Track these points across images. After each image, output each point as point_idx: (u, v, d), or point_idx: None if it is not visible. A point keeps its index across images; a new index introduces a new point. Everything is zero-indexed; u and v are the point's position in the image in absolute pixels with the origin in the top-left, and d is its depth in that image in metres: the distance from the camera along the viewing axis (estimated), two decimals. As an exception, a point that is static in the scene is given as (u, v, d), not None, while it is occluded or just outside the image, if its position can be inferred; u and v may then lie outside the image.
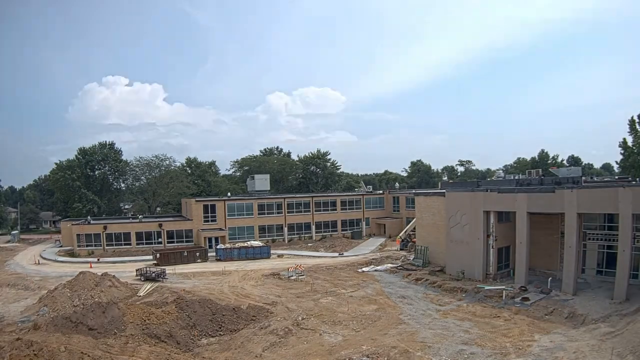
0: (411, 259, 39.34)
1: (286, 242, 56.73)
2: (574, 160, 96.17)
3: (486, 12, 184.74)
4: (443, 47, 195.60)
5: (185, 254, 44.42)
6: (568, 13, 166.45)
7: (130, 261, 44.86)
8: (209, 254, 45.84)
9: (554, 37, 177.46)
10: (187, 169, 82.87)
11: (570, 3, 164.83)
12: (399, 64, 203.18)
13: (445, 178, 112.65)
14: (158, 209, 78.35)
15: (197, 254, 44.81)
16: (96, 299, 26.64)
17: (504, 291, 26.79)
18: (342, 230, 60.61)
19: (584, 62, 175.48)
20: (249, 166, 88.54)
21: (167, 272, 35.96)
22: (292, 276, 34.57)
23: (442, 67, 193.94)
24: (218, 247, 46.80)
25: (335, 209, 61.10)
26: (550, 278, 28.34)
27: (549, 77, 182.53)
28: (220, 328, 22.50)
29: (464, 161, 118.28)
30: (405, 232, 49.45)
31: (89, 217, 60.03)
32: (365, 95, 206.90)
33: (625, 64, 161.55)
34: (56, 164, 73.62)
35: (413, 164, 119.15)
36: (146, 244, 51.24)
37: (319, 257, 46.23)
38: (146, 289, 31.02)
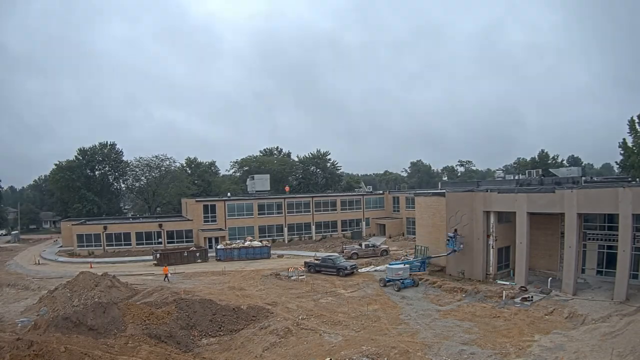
0: (411, 259, 39.33)
1: (286, 242, 56.71)
2: (574, 160, 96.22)
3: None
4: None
5: (186, 254, 44.45)
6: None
7: (130, 261, 44.92)
8: (209, 254, 45.85)
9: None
10: (187, 169, 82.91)
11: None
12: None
13: (445, 178, 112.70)
14: (158, 209, 78.36)
15: (197, 254, 44.82)
16: (96, 299, 26.63)
17: (504, 291, 26.81)
18: (342, 230, 60.57)
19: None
20: (249, 166, 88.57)
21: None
22: (292, 276, 34.58)
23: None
24: (218, 247, 46.78)
25: (335, 209, 61.08)
26: (550, 278, 28.32)
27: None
28: (220, 328, 22.48)
29: (464, 161, 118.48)
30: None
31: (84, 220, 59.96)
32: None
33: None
34: (56, 164, 73.58)
35: (413, 164, 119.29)
36: (146, 244, 51.21)
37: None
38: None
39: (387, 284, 30.09)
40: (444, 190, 37.90)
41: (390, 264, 31.72)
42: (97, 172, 75.13)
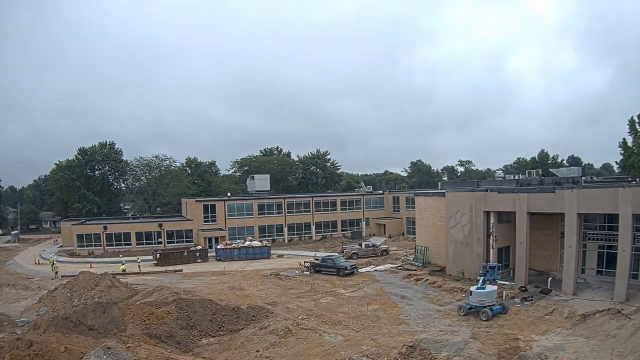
0: (411, 259, 39.39)
1: (286, 242, 56.72)
2: (574, 160, 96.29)
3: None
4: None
5: (186, 254, 44.47)
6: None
7: (130, 261, 44.85)
8: (209, 254, 45.85)
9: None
10: (187, 169, 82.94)
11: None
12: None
13: (445, 178, 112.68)
14: (158, 209, 78.39)
15: (197, 254, 44.85)
16: (96, 299, 26.63)
17: (504, 291, 26.82)
18: (342, 230, 60.61)
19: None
20: (249, 166, 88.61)
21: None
22: (295, 275, 35.03)
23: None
24: (218, 247, 46.80)
25: (335, 209, 61.11)
26: (550, 278, 28.35)
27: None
28: (220, 328, 22.49)
29: (464, 161, 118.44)
30: None
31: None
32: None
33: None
34: (56, 164, 73.58)
35: (413, 164, 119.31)
36: (146, 244, 51.28)
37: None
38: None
39: (470, 312, 23.50)
40: (444, 190, 37.91)
41: (475, 288, 23.89)
42: (97, 172, 75.09)
